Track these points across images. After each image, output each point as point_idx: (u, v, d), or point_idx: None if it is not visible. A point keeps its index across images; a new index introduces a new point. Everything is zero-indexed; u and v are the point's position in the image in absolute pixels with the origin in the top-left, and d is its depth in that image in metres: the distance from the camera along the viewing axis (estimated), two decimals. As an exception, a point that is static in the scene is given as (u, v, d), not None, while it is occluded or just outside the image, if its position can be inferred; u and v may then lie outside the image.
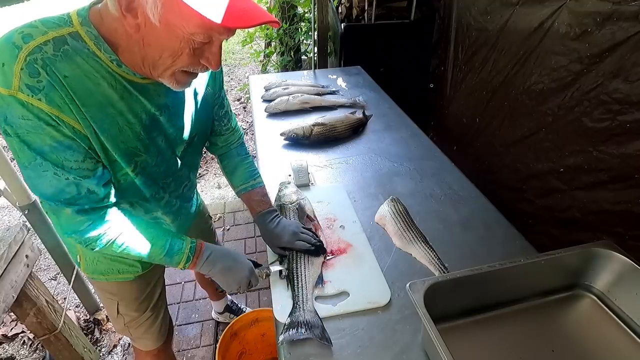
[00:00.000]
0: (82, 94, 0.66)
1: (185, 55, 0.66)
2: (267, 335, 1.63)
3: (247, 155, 1.15)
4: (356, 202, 1.28)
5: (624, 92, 1.17)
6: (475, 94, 2.00)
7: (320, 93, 2.00)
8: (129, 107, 0.73)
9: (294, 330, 0.84)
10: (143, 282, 1.10)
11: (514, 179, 1.72)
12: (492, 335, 0.86)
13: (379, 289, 0.96)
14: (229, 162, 1.12)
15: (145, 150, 0.79)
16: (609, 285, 0.89)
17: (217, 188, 3.08)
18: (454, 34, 2.18)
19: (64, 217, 0.74)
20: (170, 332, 1.31)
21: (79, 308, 2.02)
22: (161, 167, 0.86)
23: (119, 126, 0.73)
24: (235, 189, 1.13)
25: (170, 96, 0.81)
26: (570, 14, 1.34)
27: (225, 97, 1.06)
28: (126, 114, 0.73)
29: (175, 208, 1.00)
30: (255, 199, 1.10)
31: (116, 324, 1.18)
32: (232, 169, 1.12)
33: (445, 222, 1.18)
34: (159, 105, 0.79)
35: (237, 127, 1.13)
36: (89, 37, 0.66)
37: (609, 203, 1.27)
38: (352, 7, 2.74)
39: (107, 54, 0.67)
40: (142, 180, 0.83)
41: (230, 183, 1.14)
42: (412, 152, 1.54)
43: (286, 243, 1.02)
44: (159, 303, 1.20)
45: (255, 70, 5.15)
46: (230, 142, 1.11)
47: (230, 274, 0.94)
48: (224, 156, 1.13)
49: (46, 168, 0.67)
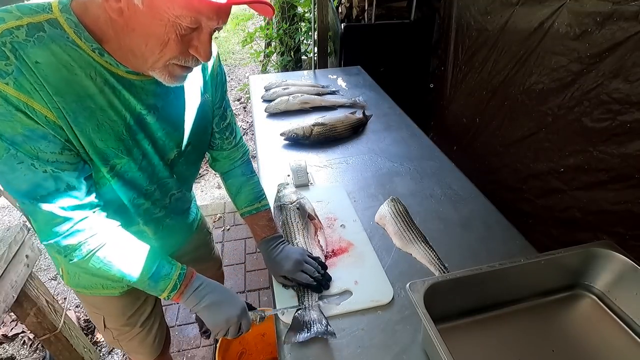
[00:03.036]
0: (55, 82, 0.61)
1: (173, 43, 0.61)
2: (267, 335, 1.63)
3: (253, 175, 1.07)
4: (356, 202, 1.28)
5: (624, 92, 1.17)
6: (475, 94, 2.00)
7: (320, 93, 2.00)
8: (110, 102, 0.67)
9: (300, 331, 0.84)
10: (131, 297, 1.03)
11: (514, 179, 1.72)
12: (492, 335, 0.86)
13: (382, 287, 0.96)
14: (233, 182, 1.05)
15: (127, 153, 0.73)
16: (609, 285, 0.89)
17: (217, 188, 3.08)
18: (454, 34, 2.18)
19: (41, 218, 0.66)
20: (167, 341, 1.25)
21: (79, 308, 2.02)
22: (145, 172, 0.79)
23: (97, 122, 0.67)
24: (239, 210, 1.06)
25: (161, 97, 0.75)
26: (570, 14, 1.34)
27: (230, 109, 0.99)
28: (107, 110, 0.67)
29: (156, 217, 0.90)
30: (260, 223, 1.03)
31: (105, 337, 1.12)
32: (236, 189, 1.05)
33: (445, 222, 1.18)
34: (147, 105, 0.73)
35: (242, 143, 1.06)
36: (68, 24, 0.61)
37: (609, 203, 1.27)
38: (352, 7, 2.75)
39: (89, 43, 0.62)
40: (119, 184, 0.76)
41: (235, 204, 1.07)
42: (412, 152, 1.54)
43: (287, 272, 0.94)
44: (152, 316, 1.13)
45: (255, 70, 5.15)
46: (234, 159, 1.04)
47: (220, 311, 0.82)
48: (228, 175, 1.06)
49: (21, 159, 0.61)
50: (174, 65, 0.66)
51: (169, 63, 0.65)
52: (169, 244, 1.02)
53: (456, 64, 2.19)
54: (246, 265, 2.27)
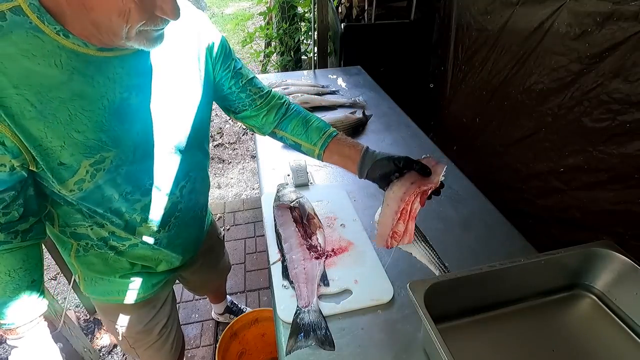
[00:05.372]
0: (14, 74, 0.57)
1: (134, 12, 0.57)
2: (267, 335, 1.63)
3: (305, 111, 0.97)
4: (356, 201, 1.28)
5: (624, 92, 1.18)
6: (475, 94, 2.00)
7: (320, 93, 2.00)
8: (82, 91, 0.63)
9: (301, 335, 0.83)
10: (148, 305, 1.03)
11: (514, 179, 1.72)
12: (492, 335, 0.86)
13: (382, 286, 0.96)
14: (292, 125, 0.94)
15: (114, 145, 0.68)
16: (609, 285, 0.89)
17: (217, 188, 3.08)
18: (454, 34, 2.18)
19: None
20: (182, 350, 1.24)
21: (79, 308, 2.02)
22: (142, 164, 0.75)
23: (69, 113, 0.62)
24: (316, 148, 0.94)
25: (144, 75, 0.70)
26: (570, 14, 1.34)
27: (246, 69, 0.92)
28: (79, 99, 0.63)
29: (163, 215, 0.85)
30: (348, 143, 0.93)
31: (121, 345, 1.10)
32: (301, 127, 0.94)
33: (445, 222, 1.18)
34: (127, 87, 0.67)
35: (274, 92, 0.97)
36: (31, 9, 0.57)
37: (609, 203, 1.27)
38: (352, 7, 2.74)
39: (52, 26, 0.58)
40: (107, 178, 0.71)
41: (308, 147, 0.95)
42: (412, 152, 1.53)
43: (398, 158, 0.87)
44: (169, 324, 1.11)
45: (255, 70, 5.13)
46: (276, 106, 0.95)
47: None
48: (282, 125, 0.96)
49: None
50: (146, 31, 0.62)
51: (140, 30, 0.60)
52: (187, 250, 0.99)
53: (456, 63, 2.20)
54: (246, 265, 2.27)
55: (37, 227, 0.76)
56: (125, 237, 0.84)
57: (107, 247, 0.86)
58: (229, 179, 3.21)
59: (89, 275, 0.92)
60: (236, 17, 4.17)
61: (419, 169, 0.86)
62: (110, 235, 0.83)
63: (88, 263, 0.89)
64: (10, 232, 0.71)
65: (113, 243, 0.85)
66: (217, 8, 8.19)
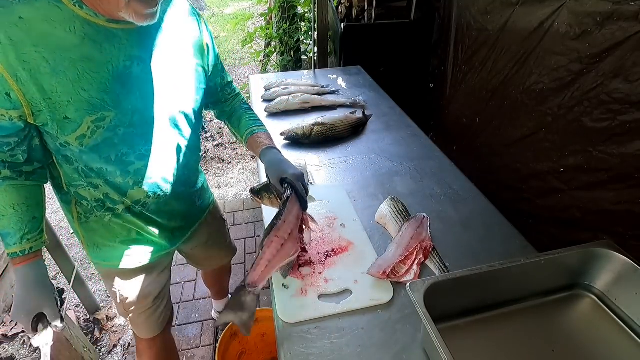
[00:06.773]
0: (35, 34, 0.67)
1: None
2: (267, 335, 1.63)
3: (249, 109, 1.19)
4: (356, 201, 1.28)
5: (624, 92, 1.18)
6: (475, 94, 2.00)
7: (320, 93, 2.00)
8: (90, 54, 0.72)
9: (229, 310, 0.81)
10: (145, 272, 1.11)
11: (514, 179, 1.72)
12: (492, 335, 0.86)
13: (382, 286, 0.96)
14: (234, 117, 1.16)
15: (114, 106, 0.77)
16: (609, 285, 0.89)
17: (217, 188, 3.08)
18: (454, 34, 2.19)
19: None
20: (170, 319, 1.31)
21: (79, 308, 2.02)
22: (138, 128, 0.83)
23: (78, 72, 0.72)
24: (242, 138, 1.13)
25: (145, 48, 0.80)
26: (570, 14, 1.34)
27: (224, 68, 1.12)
28: (87, 62, 0.72)
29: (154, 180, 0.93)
30: (262, 136, 1.09)
31: (118, 308, 1.19)
32: (237, 121, 1.15)
33: (445, 222, 1.18)
34: (130, 56, 0.77)
35: (238, 90, 1.19)
36: None
37: (609, 203, 1.27)
38: (352, 7, 2.74)
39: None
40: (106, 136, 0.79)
41: (239, 135, 1.15)
42: (412, 152, 1.54)
43: (293, 176, 0.94)
44: (162, 294, 1.20)
45: (255, 70, 5.15)
46: (234, 105, 1.17)
47: (18, 303, 0.88)
48: (232, 116, 1.17)
49: None
50: (134, 2, 0.69)
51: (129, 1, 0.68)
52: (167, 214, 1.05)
53: (456, 63, 2.20)
54: (246, 265, 2.27)
55: (41, 172, 0.87)
56: (119, 199, 0.93)
57: (104, 209, 0.95)
58: (229, 179, 3.21)
59: (92, 240, 1.01)
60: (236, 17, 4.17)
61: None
62: (105, 197, 0.92)
63: (90, 230, 0.99)
64: (16, 171, 0.82)
65: (109, 205, 0.94)
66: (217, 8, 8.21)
